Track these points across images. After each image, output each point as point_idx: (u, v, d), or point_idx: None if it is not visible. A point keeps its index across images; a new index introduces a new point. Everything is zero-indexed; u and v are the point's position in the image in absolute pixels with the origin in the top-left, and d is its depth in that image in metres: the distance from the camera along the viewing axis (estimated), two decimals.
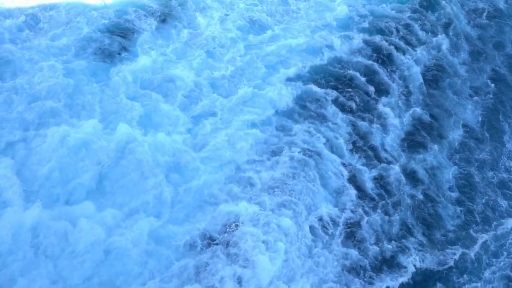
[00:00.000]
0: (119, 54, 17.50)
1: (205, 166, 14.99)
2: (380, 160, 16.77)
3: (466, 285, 14.62)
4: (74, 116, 15.16)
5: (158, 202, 13.88)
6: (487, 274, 15.03)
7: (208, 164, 15.09)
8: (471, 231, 15.99)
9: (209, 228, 13.76)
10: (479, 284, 14.73)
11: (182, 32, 18.83)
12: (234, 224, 13.90)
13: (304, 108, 17.63)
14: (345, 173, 15.94)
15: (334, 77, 18.98)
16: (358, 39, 20.48)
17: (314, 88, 18.22)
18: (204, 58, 18.16)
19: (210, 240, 13.54)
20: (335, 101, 18.04)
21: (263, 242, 13.61)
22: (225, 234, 13.66)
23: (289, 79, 18.28)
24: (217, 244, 13.45)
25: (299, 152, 15.99)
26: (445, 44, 21.43)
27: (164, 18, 19.12)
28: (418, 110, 18.77)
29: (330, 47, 19.96)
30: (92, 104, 15.61)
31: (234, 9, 20.30)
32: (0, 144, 13.97)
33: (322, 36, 20.30)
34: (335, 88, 18.48)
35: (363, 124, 17.60)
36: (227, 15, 20.00)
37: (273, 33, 19.83)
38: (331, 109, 17.73)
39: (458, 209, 16.45)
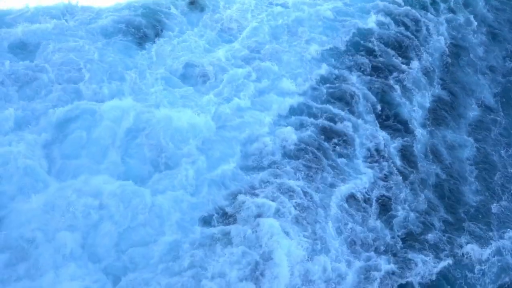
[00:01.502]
0: (147, 37, 17.32)
1: (227, 142, 14.94)
2: (406, 135, 16.66)
3: (491, 260, 14.61)
4: (100, 97, 15.02)
5: (181, 180, 13.78)
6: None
7: (231, 140, 15.02)
8: (492, 206, 15.92)
9: (229, 203, 13.71)
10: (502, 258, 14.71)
11: (209, 16, 18.62)
12: (257, 198, 13.79)
13: (330, 82, 17.49)
14: (374, 147, 15.87)
15: (359, 51, 18.91)
16: (378, 15, 20.35)
17: (339, 62, 18.18)
18: (228, 41, 17.98)
19: (229, 215, 13.47)
20: (361, 75, 17.94)
21: (289, 219, 13.56)
22: (245, 209, 13.52)
23: (314, 58, 18.09)
24: (237, 217, 13.39)
25: (326, 124, 15.97)
26: (464, 24, 21.25)
27: (193, 1, 18.90)
28: (439, 87, 18.69)
29: (353, 23, 19.75)
30: (117, 86, 15.48)
31: None
32: (30, 123, 13.94)
33: (343, 13, 20.13)
34: (360, 61, 18.41)
35: (390, 98, 17.51)
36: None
37: (297, 16, 19.50)
38: (357, 83, 17.63)
39: (479, 185, 16.36)
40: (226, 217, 13.41)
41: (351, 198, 14.51)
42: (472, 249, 14.59)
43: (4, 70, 14.88)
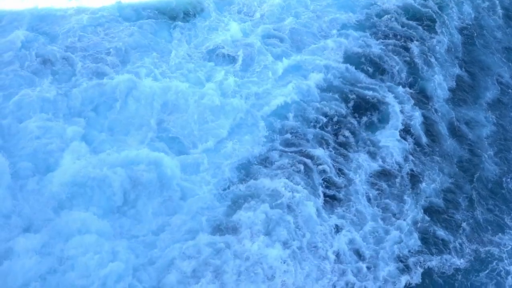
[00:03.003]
0: (179, 20, 17.22)
1: (252, 119, 14.89)
2: (430, 111, 16.52)
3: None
4: (128, 78, 14.81)
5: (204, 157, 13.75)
6: None
7: (256, 116, 14.95)
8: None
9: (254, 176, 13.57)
10: None
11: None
12: (282, 171, 13.69)
13: (353, 56, 17.40)
14: (400, 121, 15.73)
15: (381, 25, 18.84)
16: None
17: (360, 37, 18.11)
18: (253, 24, 17.82)
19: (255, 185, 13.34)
20: (383, 49, 17.83)
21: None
22: (273, 181, 13.42)
23: (334, 34, 18.04)
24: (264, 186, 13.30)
25: (352, 98, 15.93)
26: (483, 5, 21.02)
27: None
28: (460, 65, 18.49)
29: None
30: (146, 67, 15.34)
31: None
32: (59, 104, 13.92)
33: None
34: (382, 35, 18.39)
35: (414, 74, 17.42)
36: None
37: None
38: (381, 56, 17.53)
39: (499, 160, 16.14)
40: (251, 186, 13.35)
41: (380, 173, 14.40)
42: (496, 228, 14.41)
43: (32, 54, 14.88)
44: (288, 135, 14.68)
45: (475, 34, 19.89)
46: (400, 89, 16.77)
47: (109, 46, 15.57)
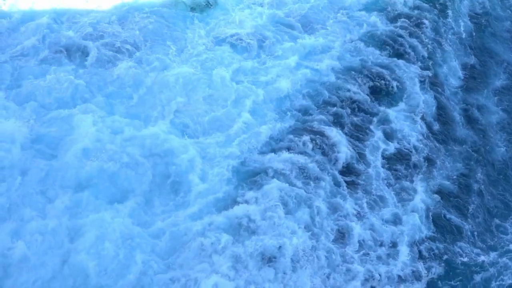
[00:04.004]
0: (196, 11, 17.24)
1: (269, 103, 14.82)
2: (443, 97, 16.53)
3: None
4: (144, 66, 14.88)
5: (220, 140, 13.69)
6: None
7: (272, 101, 14.90)
8: None
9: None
10: None
11: None
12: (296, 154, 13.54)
13: (366, 38, 17.48)
14: (415, 106, 15.77)
15: (392, 10, 18.95)
16: None
17: (376, 22, 18.21)
18: (268, 13, 17.78)
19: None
20: (394, 31, 17.92)
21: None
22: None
23: (350, 19, 18.09)
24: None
25: (368, 81, 15.93)
26: None
27: None
28: (470, 53, 18.55)
29: None
30: (162, 56, 15.28)
31: None
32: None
33: None
34: (394, 19, 18.49)
35: (430, 58, 17.40)
36: None
37: None
38: (400, 41, 17.58)
39: (510, 145, 16.22)
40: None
41: (395, 156, 14.35)
42: (508, 213, 14.34)
43: (46, 44, 14.72)
44: (303, 117, 14.64)
45: (485, 23, 19.99)
46: (414, 73, 16.75)
47: (124, 35, 15.49)
